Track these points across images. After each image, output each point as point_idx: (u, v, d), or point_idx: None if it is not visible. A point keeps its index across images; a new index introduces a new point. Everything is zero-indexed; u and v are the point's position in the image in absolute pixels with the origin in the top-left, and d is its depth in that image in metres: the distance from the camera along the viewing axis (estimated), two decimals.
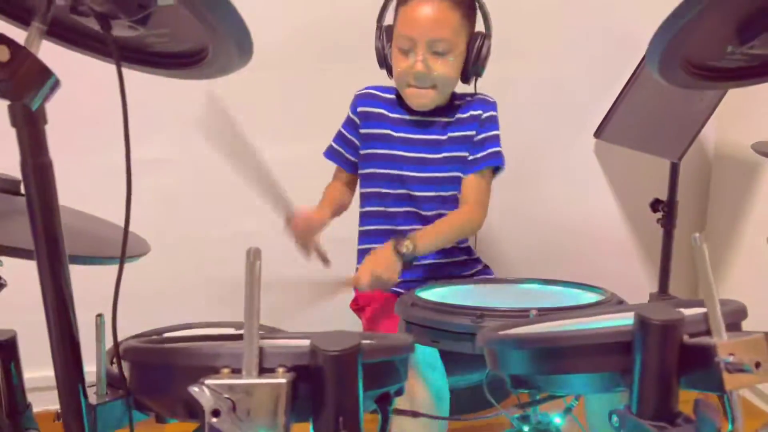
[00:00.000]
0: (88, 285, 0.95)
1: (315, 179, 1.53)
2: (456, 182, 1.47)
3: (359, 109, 1.49)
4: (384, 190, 1.49)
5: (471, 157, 1.46)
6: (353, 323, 1.54)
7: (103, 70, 0.74)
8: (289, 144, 1.67)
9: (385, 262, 1.28)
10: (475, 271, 1.55)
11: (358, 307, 1.52)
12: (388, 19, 1.45)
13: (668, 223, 1.95)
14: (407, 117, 1.48)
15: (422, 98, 1.43)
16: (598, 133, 2.07)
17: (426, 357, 1.22)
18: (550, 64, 2.02)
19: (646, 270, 2.20)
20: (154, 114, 1.80)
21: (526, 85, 2.02)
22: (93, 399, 0.84)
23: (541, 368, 0.74)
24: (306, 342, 0.62)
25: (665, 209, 1.94)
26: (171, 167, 1.88)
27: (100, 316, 1.00)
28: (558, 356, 0.73)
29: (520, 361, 0.77)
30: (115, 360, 0.81)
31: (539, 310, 1.02)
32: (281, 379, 0.58)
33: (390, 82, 1.49)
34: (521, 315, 1.02)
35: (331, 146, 1.54)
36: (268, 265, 2.12)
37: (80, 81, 1.02)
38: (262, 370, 0.61)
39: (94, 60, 0.79)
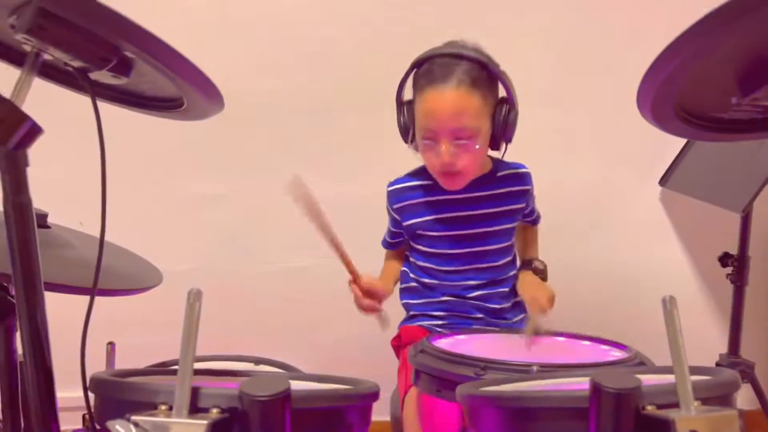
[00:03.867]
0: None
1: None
2: (503, 252, 1.47)
3: (395, 206, 1.46)
4: (430, 265, 1.46)
5: (528, 219, 1.55)
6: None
7: None
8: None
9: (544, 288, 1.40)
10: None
11: (399, 344, 1.50)
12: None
13: (739, 279, 1.81)
14: (449, 197, 1.42)
15: (454, 185, 1.39)
16: (664, 181, 1.97)
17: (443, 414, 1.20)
18: (612, 110, 1.96)
19: (717, 329, 2.04)
20: (210, 151, 1.91)
21: (587, 131, 1.97)
22: None
23: (503, 429, 0.71)
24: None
25: (735, 264, 1.81)
26: (227, 202, 1.96)
27: (110, 343, 1.06)
28: (518, 418, 0.69)
29: (487, 419, 0.74)
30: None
31: (543, 366, 0.98)
32: (201, 421, 0.59)
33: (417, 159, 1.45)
34: (523, 369, 0.99)
35: (385, 239, 1.56)
36: (321, 300, 2.11)
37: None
38: (198, 410, 0.63)
39: None
